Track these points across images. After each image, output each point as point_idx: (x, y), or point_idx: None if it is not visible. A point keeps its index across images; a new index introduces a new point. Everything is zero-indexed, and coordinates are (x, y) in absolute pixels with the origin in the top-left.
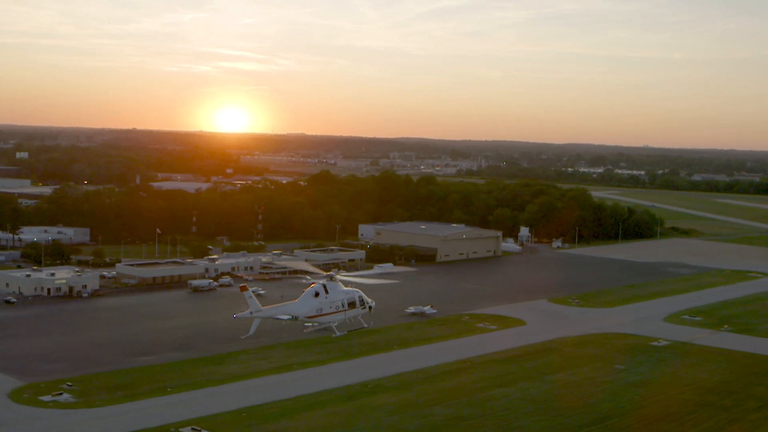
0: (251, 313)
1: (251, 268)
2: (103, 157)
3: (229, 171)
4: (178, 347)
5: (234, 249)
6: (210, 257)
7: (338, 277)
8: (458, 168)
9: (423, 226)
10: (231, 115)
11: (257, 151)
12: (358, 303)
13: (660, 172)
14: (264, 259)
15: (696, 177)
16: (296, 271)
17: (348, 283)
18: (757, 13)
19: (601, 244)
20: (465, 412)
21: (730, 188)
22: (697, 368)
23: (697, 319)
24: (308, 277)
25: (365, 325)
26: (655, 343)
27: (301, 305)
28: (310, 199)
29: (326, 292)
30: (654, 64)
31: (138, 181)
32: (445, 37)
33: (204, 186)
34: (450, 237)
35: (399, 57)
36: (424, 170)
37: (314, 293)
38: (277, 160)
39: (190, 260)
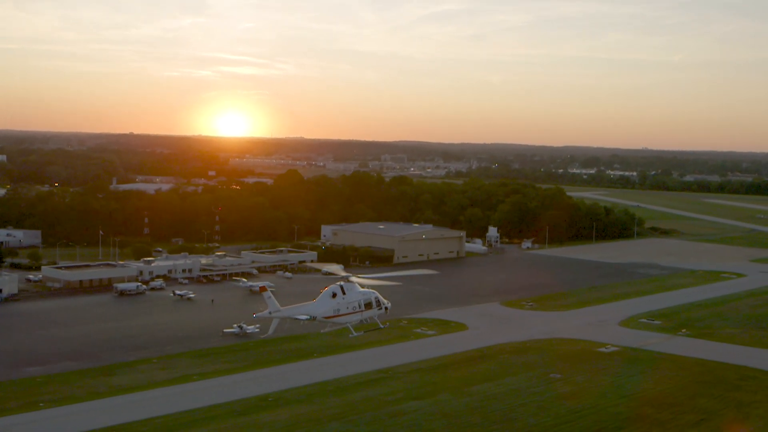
0: (270, 313)
1: (190, 270)
2: (81, 159)
3: (211, 173)
4: (74, 356)
5: (187, 251)
6: (146, 259)
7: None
8: (448, 170)
9: (381, 226)
10: (230, 119)
11: (248, 154)
12: (374, 304)
13: (652, 173)
14: (204, 261)
15: (688, 177)
16: (236, 274)
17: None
18: (756, 15)
19: (575, 245)
20: (362, 429)
21: (722, 189)
22: (640, 377)
23: (656, 322)
24: (244, 280)
25: (381, 327)
26: (602, 350)
27: (319, 305)
28: (273, 200)
29: (343, 293)
30: (653, 66)
31: (114, 183)
32: (445, 41)
33: (165, 187)
34: (408, 237)
35: (399, 61)
36: (413, 172)
37: (332, 294)
38: (266, 163)
39: (122, 263)
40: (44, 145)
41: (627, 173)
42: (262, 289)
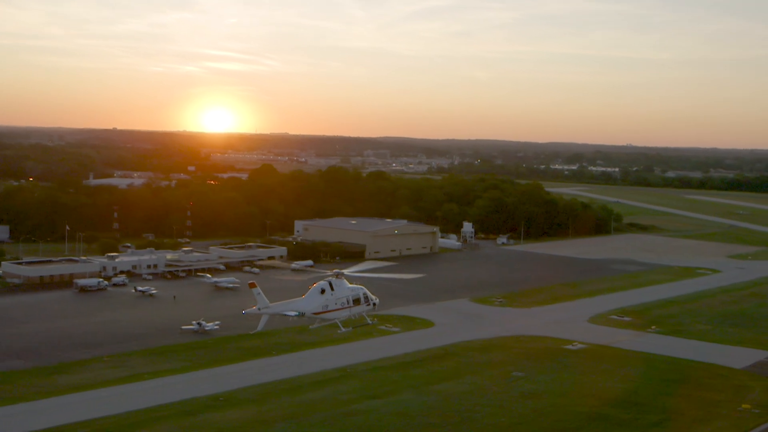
0: (259, 309)
1: (155, 266)
2: (59, 155)
3: (191, 168)
4: (24, 355)
5: (158, 246)
6: (110, 255)
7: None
8: (430, 166)
9: (354, 222)
10: (216, 115)
11: (231, 150)
12: (362, 300)
13: (634, 169)
14: (169, 257)
15: (670, 174)
16: (202, 269)
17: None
18: (743, 15)
19: (551, 240)
20: (312, 430)
21: (703, 185)
22: (605, 375)
23: (626, 319)
24: (209, 275)
25: (369, 322)
26: (569, 347)
27: (308, 302)
28: (247, 195)
29: (332, 289)
30: (640, 64)
31: (91, 178)
32: (433, 37)
33: (138, 182)
34: (380, 232)
35: (386, 57)
36: (395, 168)
37: (320, 290)
38: (247, 158)
39: (85, 258)
40: (25, 140)
41: (609, 169)
42: (252, 285)
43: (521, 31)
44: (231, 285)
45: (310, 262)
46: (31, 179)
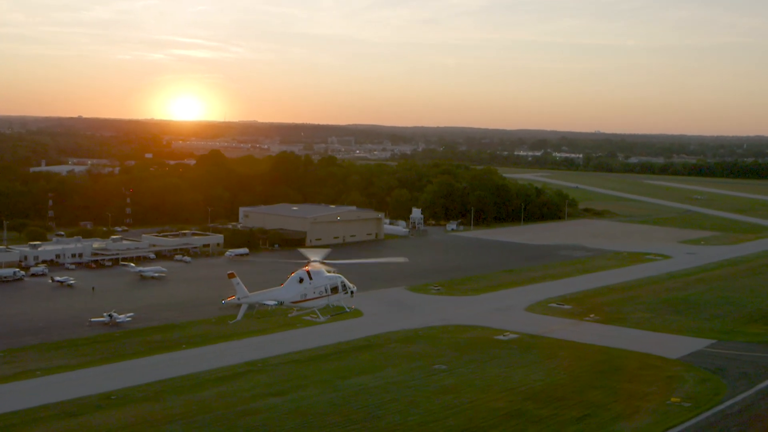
0: (238, 299)
1: (80, 255)
2: (12, 142)
3: (148, 155)
4: None
5: (96, 234)
6: (33, 243)
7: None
8: (393, 152)
9: (295, 208)
10: (183, 103)
11: (194, 137)
12: (340, 288)
13: (597, 155)
14: (96, 246)
15: (633, 159)
16: (130, 258)
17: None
18: (709, 1)
19: (502, 226)
20: (203, 431)
21: (665, 170)
22: (532, 367)
23: (566, 307)
24: (132, 264)
25: (347, 309)
26: (500, 337)
27: (287, 291)
28: (192, 182)
29: (310, 278)
30: (607, 51)
31: (44, 165)
32: (400, 24)
33: (78, 169)
34: (321, 219)
35: (354, 45)
36: (358, 154)
37: (299, 279)
38: (210, 146)
39: (4, 247)
40: None
41: (572, 155)
42: (231, 275)
43: (489, 18)
44: (157, 274)
45: (245, 250)
46: None
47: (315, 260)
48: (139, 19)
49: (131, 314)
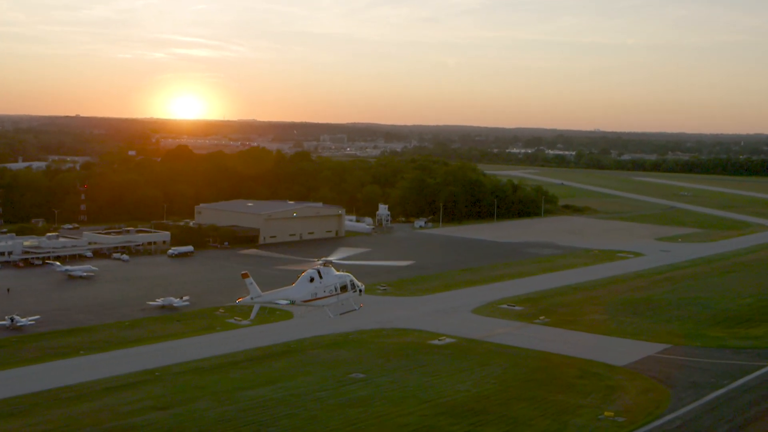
0: (252, 298)
1: (9, 253)
2: None
3: (131, 153)
4: None
5: (50, 231)
6: None
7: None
8: (384, 150)
9: (250, 204)
10: (183, 102)
11: (185, 135)
12: (349, 287)
13: (588, 152)
14: (26, 243)
15: (625, 156)
16: (65, 257)
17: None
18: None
19: (474, 224)
20: None
21: (657, 167)
22: (460, 375)
23: (517, 308)
24: (58, 263)
25: (356, 308)
26: (435, 341)
27: (298, 290)
28: (154, 178)
29: (320, 276)
30: (608, 49)
31: (20, 161)
32: (400, 23)
33: (37, 165)
34: (275, 215)
35: (354, 43)
36: (349, 152)
37: (309, 278)
38: (200, 143)
39: None
40: None
41: (565, 153)
42: (244, 275)
43: (489, 17)
44: (85, 274)
45: (190, 247)
46: None
47: (325, 260)
48: (140, 18)
49: (36, 317)
